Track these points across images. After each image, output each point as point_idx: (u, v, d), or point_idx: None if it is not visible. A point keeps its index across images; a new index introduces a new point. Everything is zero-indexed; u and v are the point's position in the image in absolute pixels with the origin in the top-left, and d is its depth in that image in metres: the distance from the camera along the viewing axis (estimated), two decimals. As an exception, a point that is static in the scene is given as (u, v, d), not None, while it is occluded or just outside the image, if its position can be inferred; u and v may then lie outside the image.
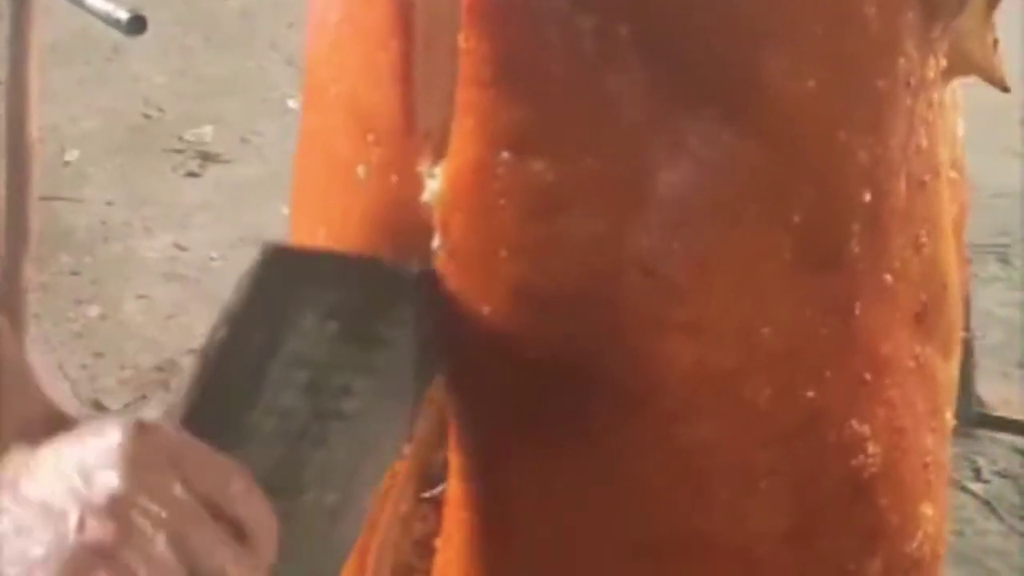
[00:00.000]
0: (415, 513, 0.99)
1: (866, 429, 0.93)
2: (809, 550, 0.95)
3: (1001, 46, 0.99)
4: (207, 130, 3.79)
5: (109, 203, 3.47)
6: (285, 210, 1.13)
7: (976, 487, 2.64)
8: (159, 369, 2.91)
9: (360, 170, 0.94)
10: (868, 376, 0.93)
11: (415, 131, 0.90)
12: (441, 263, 0.90)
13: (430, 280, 0.89)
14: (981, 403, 2.80)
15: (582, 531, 0.93)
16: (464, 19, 0.85)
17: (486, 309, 0.88)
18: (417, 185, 0.90)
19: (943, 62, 0.95)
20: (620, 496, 0.92)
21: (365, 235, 0.95)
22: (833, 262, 0.90)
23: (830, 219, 0.90)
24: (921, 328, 0.97)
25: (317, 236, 1.00)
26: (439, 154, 0.89)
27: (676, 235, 0.87)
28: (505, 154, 0.86)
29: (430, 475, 0.99)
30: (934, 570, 1.03)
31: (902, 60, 0.90)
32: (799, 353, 0.90)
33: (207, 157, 3.67)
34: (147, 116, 3.87)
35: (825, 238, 0.90)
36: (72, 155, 3.65)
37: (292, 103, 3.95)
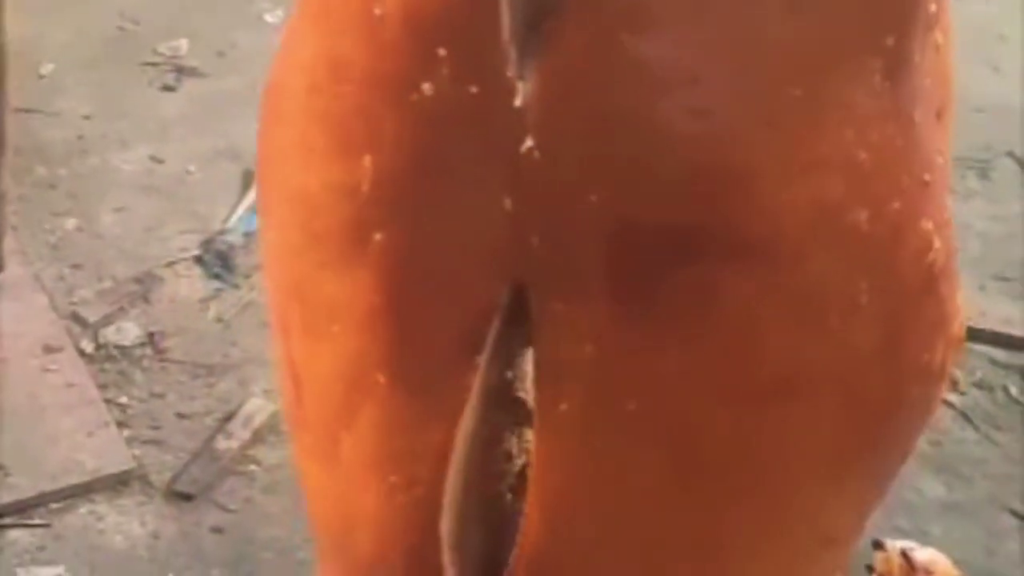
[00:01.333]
0: (491, 429, 1.01)
1: (931, 226, 0.99)
2: (896, 358, 1.01)
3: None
4: (182, 43, 3.73)
5: (85, 116, 3.43)
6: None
7: (953, 398, 2.68)
8: (137, 281, 2.91)
9: (426, 88, 0.91)
10: (927, 176, 0.98)
11: (502, 35, 0.88)
12: (533, 165, 0.89)
13: None
14: (959, 315, 2.85)
15: (695, 388, 0.96)
16: None
17: (593, 197, 0.89)
18: (502, 92, 0.88)
19: None
20: (736, 350, 0.95)
21: (432, 156, 0.93)
22: (906, 73, 0.95)
23: (910, 32, 0.94)
24: (940, 124, 1.03)
25: (359, 165, 0.96)
26: (531, 54, 0.87)
27: (791, 81, 0.89)
28: (619, 32, 0.86)
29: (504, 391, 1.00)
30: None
31: None
32: (886, 167, 0.95)
33: (183, 70, 3.63)
34: (122, 29, 3.83)
35: (905, 51, 0.94)
36: (47, 68, 3.61)
37: (269, 17, 3.93)
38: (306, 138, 1.02)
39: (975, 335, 2.80)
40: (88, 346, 2.74)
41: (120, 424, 2.54)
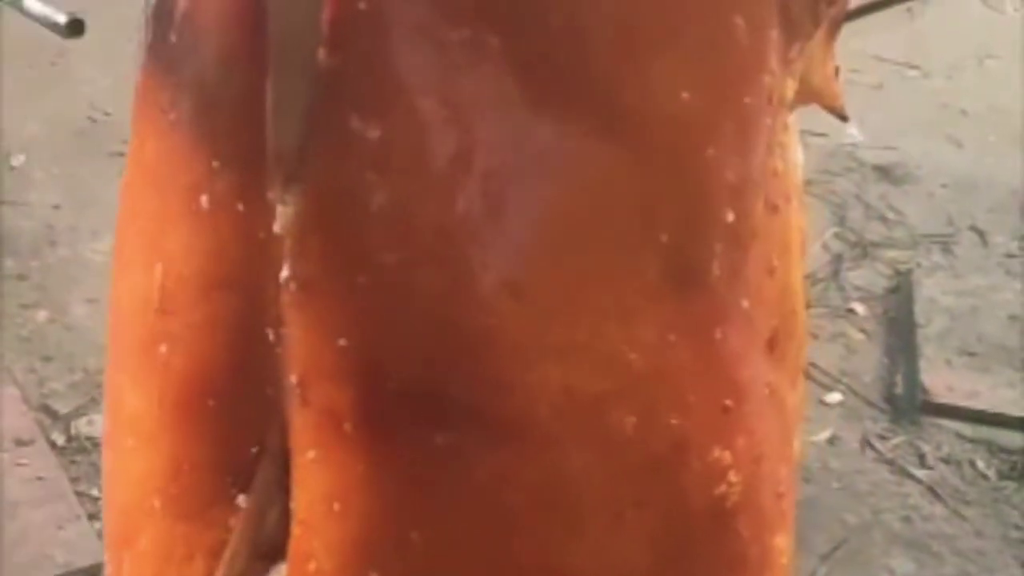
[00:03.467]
0: (250, 573, 0.95)
1: (728, 457, 0.92)
2: None
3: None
4: (153, 132, 3.79)
5: (55, 207, 3.46)
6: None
7: (921, 473, 2.67)
8: (108, 372, 2.94)
9: (203, 200, 0.89)
10: (729, 402, 0.92)
11: (266, 155, 0.85)
12: (290, 296, 0.86)
13: None
14: (925, 390, 2.85)
15: (444, 567, 0.90)
16: (326, 34, 0.82)
17: (342, 341, 0.85)
18: (266, 214, 0.85)
19: (795, 84, 0.95)
20: (487, 529, 0.89)
21: (208, 272, 0.90)
22: (697, 283, 0.89)
23: (696, 238, 0.88)
24: (773, 355, 0.97)
25: (152, 274, 0.94)
26: (291, 178, 0.84)
27: (544, 256, 0.85)
28: (365, 174, 0.83)
29: (267, 532, 0.95)
30: None
31: (767, 77, 0.90)
32: (663, 378, 0.89)
33: (153, 159, 3.67)
34: (92, 120, 3.87)
35: (690, 258, 0.88)
36: (18, 160, 3.65)
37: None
38: (121, 241, 1.01)
39: (941, 410, 2.79)
40: (59, 438, 2.73)
41: (91, 517, 2.52)
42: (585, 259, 0.86)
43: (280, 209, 0.85)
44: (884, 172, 3.70)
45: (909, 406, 2.85)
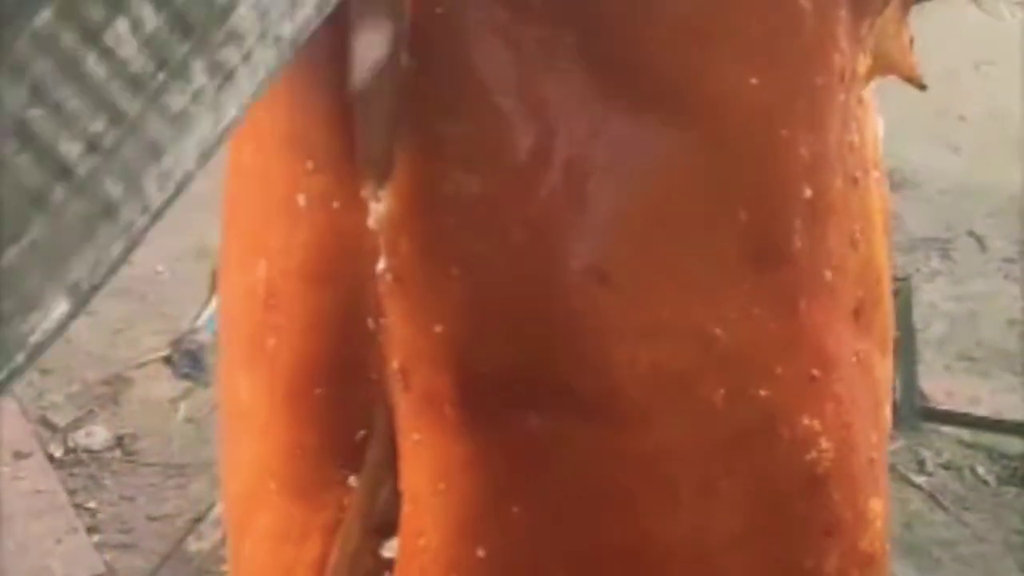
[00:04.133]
0: (364, 549, 0.99)
1: (817, 424, 0.94)
2: (767, 550, 0.96)
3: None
4: (148, 144, 3.77)
5: (51, 219, 3.47)
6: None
7: (921, 480, 2.67)
8: (106, 383, 2.92)
9: (300, 199, 0.92)
10: (816, 372, 0.94)
11: (356, 156, 0.89)
12: (387, 287, 0.89)
13: None
14: (925, 396, 2.83)
15: (541, 544, 0.93)
16: (409, 36, 0.84)
17: (438, 328, 0.88)
18: (360, 211, 0.88)
19: (868, 60, 0.96)
20: (583, 504, 0.92)
21: (308, 266, 0.94)
22: (778, 258, 0.91)
23: (774, 215, 0.90)
24: (859, 324, 0.98)
25: (257, 270, 0.97)
26: (383, 177, 0.87)
27: (627, 240, 0.87)
28: (453, 171, 0.86)
29: (379, 510, 0.98)
30: (884, 565, 1.04)
31: (837, 56, 0.91)
32: (750, 351, 0.91)
33: (147, 171, 3.65)
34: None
35: (770, 234, 0.90)
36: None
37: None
38: (226, 242, 1.05)
39: (941, 416, 2.79)
40: (57, 451, 2.75)
41: (90, 529, 2.54)
42: (666, 242, 0.88)
43: (373, 206, 0.88)
44: (882, 178, 3.72)
45: (908, 412, 2.84)
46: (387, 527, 0.98)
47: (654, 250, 0.88)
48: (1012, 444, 2.77)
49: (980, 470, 2.73)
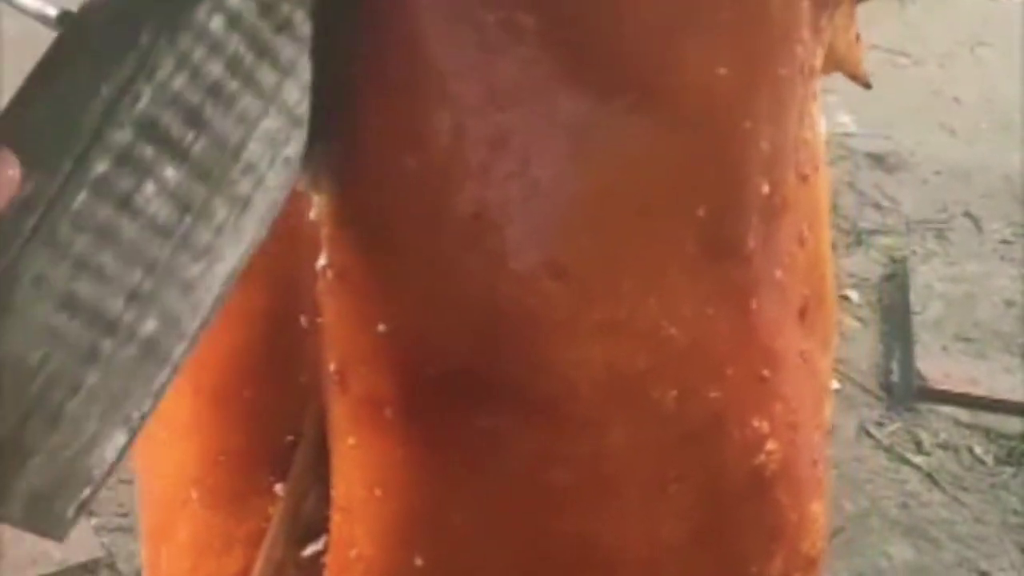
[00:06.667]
0: (288, 559, 0.95)
1: (765, 426, 0.92)
2: (714, 554, 0.93)
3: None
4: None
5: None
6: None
7: (918, 460, 2.69)
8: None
9: None
10: (766, 372, 0.91)
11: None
12: (327, 284, 0.85)
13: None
14: (922, 377, 2.87)
15: (483, 551, 0.90)
16: (360, 18, 0.80)
17: (381, 327, 0.84)
18: (298, 202, 0.84)
19: (823, 54, 0.93)
20: (528, 508, 0.89)
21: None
22: (733, 255, 0.88)
23: (732, 211, 0.87)
24: (804, 324, 0.96)
25: None
26: (325, 166, 0.82)
27: (585, 232, 0.83)
28: (401, 158, 0.81)
29: (304, 519, 0.95)
30: (822, 567, 1.02)
31: (799, 48, 0.88)
32: (702, 351, 0.88)
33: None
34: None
35: (727, 231, 0.87)
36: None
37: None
38: None
39: (938, 396, 2.82)
40: (57, 435, 2.75)
41: (88, 513, 2.55)
42: (625, 236, 0.84)
43: (316, 198, 0.83)
44: (877, 160, 3.70)
45: (905, 393, 2.85)
46: (311, 536, 0.94)
47: (612, 245, 0.84)
48: (1009, 424, 2.80)
49: (977, 450, 2.76)
